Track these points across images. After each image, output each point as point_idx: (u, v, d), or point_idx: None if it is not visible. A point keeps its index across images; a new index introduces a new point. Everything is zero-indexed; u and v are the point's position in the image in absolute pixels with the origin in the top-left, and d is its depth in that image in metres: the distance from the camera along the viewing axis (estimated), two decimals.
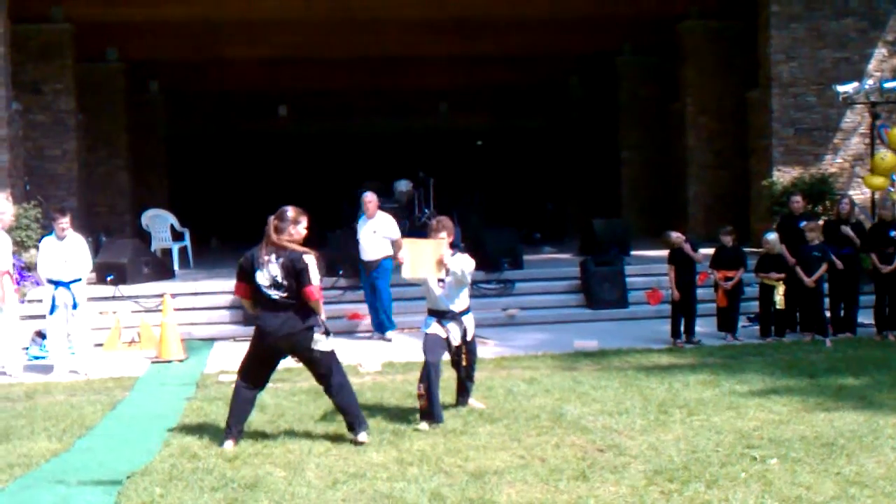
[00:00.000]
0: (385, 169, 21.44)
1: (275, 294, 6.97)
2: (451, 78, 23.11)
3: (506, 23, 19.30)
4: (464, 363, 7.91)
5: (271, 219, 7.07)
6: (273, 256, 6.96)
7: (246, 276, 7.10)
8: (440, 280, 7.74)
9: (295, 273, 6.93)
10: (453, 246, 8.01)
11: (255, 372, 7.26)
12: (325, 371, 7.14)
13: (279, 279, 6.94)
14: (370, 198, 12.38)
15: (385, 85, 23.51)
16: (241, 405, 7.19)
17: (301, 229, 7.12)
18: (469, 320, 7.91)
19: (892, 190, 14.47)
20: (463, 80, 23.32)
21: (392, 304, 12.34)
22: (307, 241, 7.17)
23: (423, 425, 7.40)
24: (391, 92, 24.30)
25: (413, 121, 25.42)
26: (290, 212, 7.09)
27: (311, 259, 6.99)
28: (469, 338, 7.89)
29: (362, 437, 7.03)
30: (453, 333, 7.77)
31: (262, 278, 6.97)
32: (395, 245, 12.07)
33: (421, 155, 23.01)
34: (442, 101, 25.54)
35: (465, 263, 7.71)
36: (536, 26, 19.61)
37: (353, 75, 22.35)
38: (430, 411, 7.50)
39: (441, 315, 7.79)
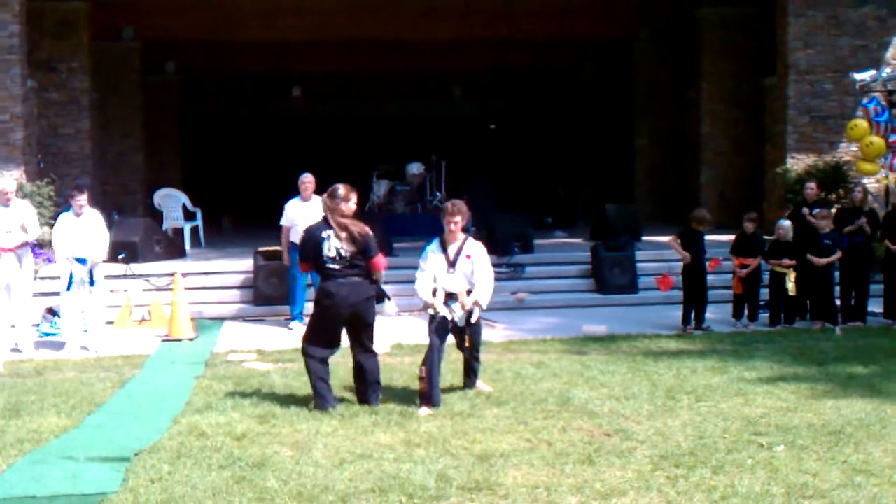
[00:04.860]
0: (397, 151, 21.46)
1: (337, 266, 7.51)
2: (465, 62, 23.05)
3: (521, 7, 19.22)
4: (466, 344, 7.92)
5: (324, 197, 7.76)
6: (334, 232, 7.52)
7: (308, 254, 7.71)
8: (450, 266, 7.76)
9: (360, 246, 7.53)
10: (464, 230, 8.02)
11: (321, 340, 7.68)
12: (369, 338, 7.75)
13: (343, 252, 7.50)
14: (309, 178, 11.93)
15: (399, 68, 23.47)
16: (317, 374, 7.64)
17: (351, 205, 7.70)
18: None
19: (884, 174, 14.43)
20: (477, 64, 23.25)
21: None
22: None
23: (423, 410, 7.42)
24: (405, 75, 24.25)
25: (426, 104, 25.38)
26: (341, 190, 7.69)
27: (369, 231, 7.65)
28: (473, 320, 7.88)
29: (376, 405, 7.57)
30: (458, 314, 7.79)
31: (327, 251, 7.52)
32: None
33: (433, 138, 22.97)
34: (456, 85, 25.47)
35: (481, 254, 7.94)
36: (552, 11, 19.53)
37: (367, 58, 22.32)
38: (428, 393, 7.53)
39: (447, 298, 7.81)
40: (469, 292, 7.83)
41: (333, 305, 7.54)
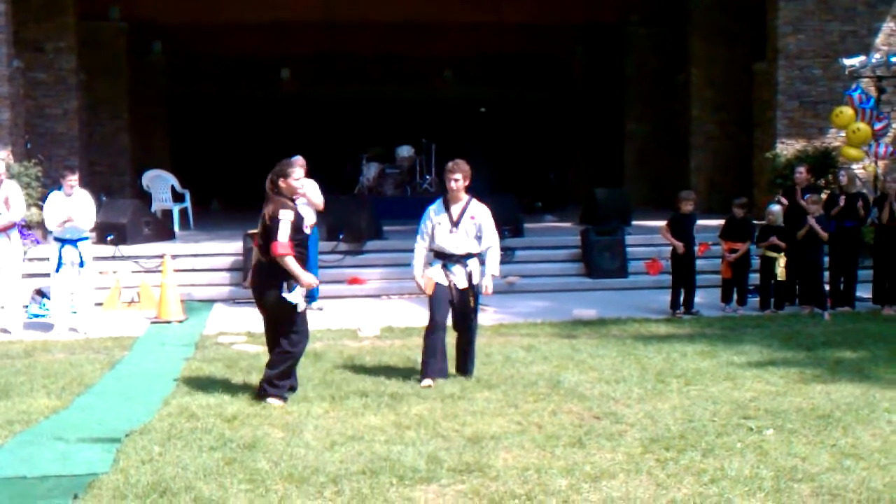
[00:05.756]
0: (388, 134, 21.39)
1: (260, 244, 7.25)
2: (456, 45, 22.92)
3: None
4: (472, 304, 7.77)
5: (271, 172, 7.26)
6: (262, 207, 7.19)
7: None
8: (453, 225, 7.74)
9: (265, 227, 7.08)
10: (468, 191, 7.98)
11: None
12: (278, 329, 7.25)
13: (258, 230, 7.20)
14: (301, 161, 11.84)
15: (390, 51, 23.34)
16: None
17: (291, 182, 7.17)
18: (474, 264, 7.85)
19: (868, 161, 14.49)
20: (469, 47, 23.13)
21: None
22: None
23: (426, 381, 7.50)
24: (396, 58, 24.11)
25: (417, 87, 25.27)
26: (284, 167, 7.23)
27: (284, 214, 6.99)
28: (476, 281, 7.81)
29: (273, 401, 7.14)
30: (458, 277, 7.76)
31: (258, 227, 7.26)
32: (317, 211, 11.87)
33: (424, 121, 22.91)
34: (447, 68, 25.38)
35: (487, 217, 7.84)
36: None
37: (358, 40, 22.19)
38: (432, 367, 7.59)
39: (447, 258, 7.80)
40: (469, 255, 7.77)
41: (251, 288, 7.46)
